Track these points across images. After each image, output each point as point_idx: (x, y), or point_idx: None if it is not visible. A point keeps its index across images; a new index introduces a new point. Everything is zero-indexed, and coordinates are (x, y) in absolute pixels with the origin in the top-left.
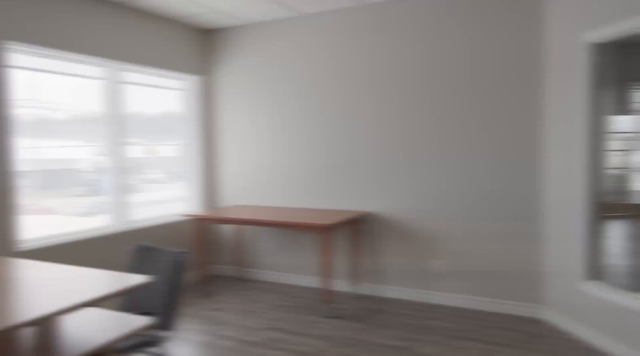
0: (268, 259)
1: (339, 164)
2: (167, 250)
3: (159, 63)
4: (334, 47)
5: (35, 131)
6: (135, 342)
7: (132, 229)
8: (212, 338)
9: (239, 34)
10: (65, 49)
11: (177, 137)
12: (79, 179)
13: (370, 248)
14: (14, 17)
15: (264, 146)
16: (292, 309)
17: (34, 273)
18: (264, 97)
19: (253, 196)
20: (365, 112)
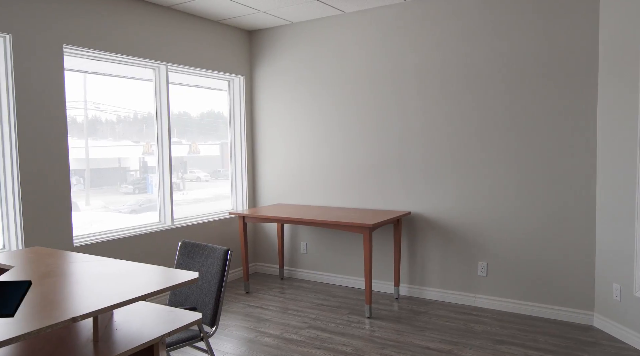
0: (309, 258)
1: (381, 163)
2: (213, 247)
3: (204, 64)
4: (377, 45)
5: (86, 131)
6: (182, 336)
7: (178, 226)
8: (254, 335)
9: (281, 34)
10: (116, 51)
11: (219, 137)
12: (126, 177)
13: (412, 248)
14: (71, 22)
15: (305, 145)
16: (333, 308)
17: (90, 266)
18: (305, 97)
19: (294, 195)
20: (408, 111)
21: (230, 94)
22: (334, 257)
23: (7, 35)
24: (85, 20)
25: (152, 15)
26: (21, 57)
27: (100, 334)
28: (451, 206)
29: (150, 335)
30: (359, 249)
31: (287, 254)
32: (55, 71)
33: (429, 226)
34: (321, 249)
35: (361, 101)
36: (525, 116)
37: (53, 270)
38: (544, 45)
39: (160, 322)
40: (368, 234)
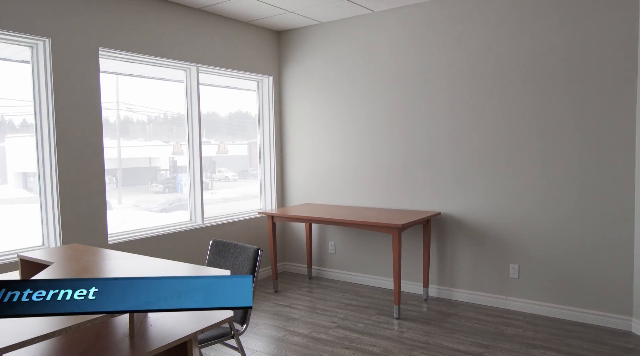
0: (337, 258)
1: (410, 163)
2: (244, 246)
3: (234, 64)
4: (405, 44)
5: (118, 132)
6: (214, 334)
7: (208, 225)
8: (283, 334)
9: (310, 34)
10: (149, 53)
11: (247, 137)
12: (157, 177)
13: (441, 249)
14: (106, 25)
15: (333, 144)
16: (361, 309)
17: (125, 264)
18: (334, 96)
19: (322, 194)
20: (437, 109)
21: (259, 94)
22: (362, 257)
23: (46, 39)
24: (119, 23)
25: (184, 17)
26: (59, 60)
27: (135, 330)
28: (482, 207)
29: (184, 331)
30: (388, 250)
31: (315, 254)
32: (91, 73)
33: (458, 226)
34: (349, 249)
35: (390, 100)
36: (559, 113)
37: (91, 267)
38: (578, 40)
39: (193, 319)
40: (397, 234)
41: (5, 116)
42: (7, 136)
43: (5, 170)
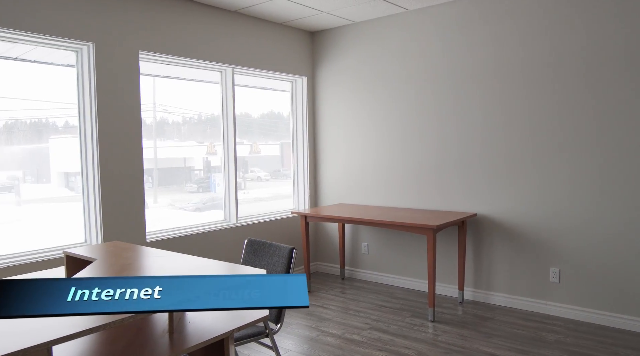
0: (370, 258)
1: (445, 163)
2: (278, 245)
3: (268, 65)
4: (440, 43)
5: (155, 133)
6: (248, 332)
7: (242, 225)
8: (315, 334)
9: (343, 34)
10: (186, 56)
11: (280, 137)
12: (191, 176)
13: (477, 251)
14: (146, 29)
15: (366, 144)
16: (395, 310)
17: (164, 261)
18: (367, 96)
19: (355, 194)
20: (473, 108)
21: (292, 95)
22: (396, 258)
23: (90, 44)
24: (158, 27)
25: (220, 19)
26: (102, 64)
27: (174, 326)
28: (520, 208)
29: (221, 329)
30: (422, 251)
31: (348, 254)
32: (132, 76)
33: (495, 228)
34: (382, 249)
35: (423, 99)
36: (597, 111)
37: (132, 264)
38: (608, 40)
39: (230, 317)
40: (432, 235)
41: (50, 118)
42: (51, 137)
43: (49, 170)
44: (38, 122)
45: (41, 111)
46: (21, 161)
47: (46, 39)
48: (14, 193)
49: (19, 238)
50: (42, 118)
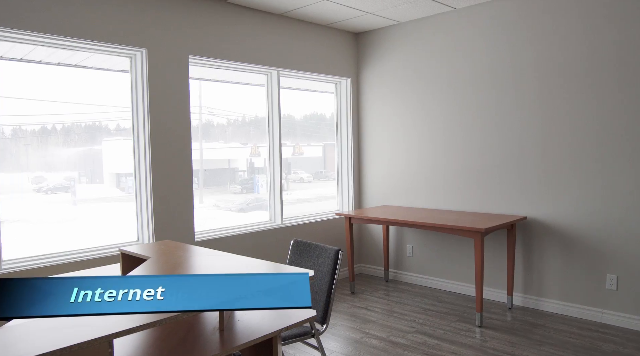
0: (415, 261)
1: (493, 164)
2: (324, 246)
3: (313, 67)
4: (489, 42)
5: (200, 135)
6: (295, 332)
7: (287, 225)
8: (360, 336)
9: (388, 34)
10: (233, 59)
11: (322, 138)
12: (235, 177)
13: (528, 255)
14: (195, 34)
15: (412, 145)
16: (440, 314)
17: (214, 260)
18: (413, 97)
19: (400, 196)
20: (524, 108)
21: (337, 96)
22: (442, 261)
23: (143, 50)
24: (207, 32)
25: (266, 23)
26: (154, 69)
27: (224, 324)
28: (574, 211)
29: (269, 328)
30: (468, 254)
31: (392, 257)
32: (182, 80)
33: (547, 232)
34: (428, 252)
35: (471, 99)
36: None
37: (183, 262)
38: None
39: (277, 316)
40: (480, 239)
41: (103, 121)
42: (104, 140)
43: (102, 171)
44: (92, 126)
45: (95, 114)
46: (76, 162)
47: (104, 46)
48: (70, 193)
49: (75, 235)
50: (96, 121)
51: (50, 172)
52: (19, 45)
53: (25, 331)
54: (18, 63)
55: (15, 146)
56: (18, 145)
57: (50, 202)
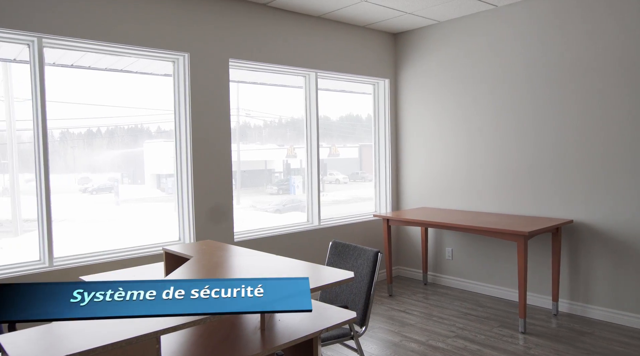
0: (455, 264)
1: (537, 165)
2: (363, 248)
3: (351, 68)
4: (531, 40)
5: (238, 136)
6: (334, 333)
7: (324, 227)
8: (398, 339)
9: (427, 34)
10: (272, 61)
11: (358, 139)
12: (271, 179)
13: (574, 260)
14: (235, 38)
15: (451, 146)
16: (481, 319)
17: (254, 260)
18: (452, 97)
19: (439, 198)
20: (568, 108)
21: (374, 97)
22: (482, 265)
23: (185, 54)
24: (247, 35)
25: (304, 25)
26: (195, 72)
27: (265, 324)
28: (624, 215)
29: (309, 329)
30: (510, 258)
31: (430, 259)
32: (222, 83)
33: (595, 236)
34: (468, 255)
35: (512, 99)
36: None
37: (225, 262)
38: None
39: (318, 317)
40: (523, 242)
41: (144, 123)
42: (145, 142)
43: (143, 172)
44: (134, 128)
45: (137, 117)
46: (119, 163)
47: (149, 51)
48: (113, 193)
49: (118, 234)
50: (138, 124)
51: (95, 173)
52: (70, 52)
53: (71, 328)
54: (68, 69)
55: (63, 149)
56: (66, 147)
57: (95, 202)
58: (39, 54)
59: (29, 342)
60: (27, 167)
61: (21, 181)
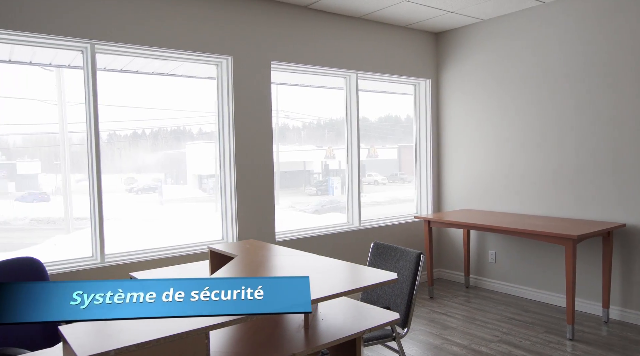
0: (498, 268)
1: (587, 167)
2: (405, 250)
3: (391, 69)
4: (583, 37)
5: (277, 137)
6: (375, 334)
7: (365, 228)
8: (440, 342)
9: (470, 33)
10: (313, 63)
11: (397, 140)
12: (310, 180)
13: (627, 266)
14: (277, 40)
15: (494, 148)
16: (526, 325)
17: (297, 260)
18: (496, 97)
19: (481, 200)
20: (622, 107)
21: (415, 98)
22: (527, 269)
23: (229, 57)
24: (288, 38)
25: (345, 26)
26: (238, 75)
27: (310, 323)
28: None
29: (352, 329)
30: (557, 262)
31: (473, 262)
32: (264, 85)
33: None
34: (512, 259)
35: (561, 98)
36: None
37: (268, 261)
38: None
39: (360, 318)
40: (571, 246)
41: (186, 125)
42: (187, 143)
43: (186, 173)
44: (177, 130)
45: (180, 119)
46: (163, 164)
47: (194, 55)
48: (157, 193)
49: (163, 233)
50: (180, 126)
51: (140, 173)
52: (119, 57)
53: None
54: (118, 73)
55: (110, 150)
56: (113, 149)
57: (140, 201)
58: (92, 59)
59: (88, 334)
60: (78, 168)
61: (72, 180)
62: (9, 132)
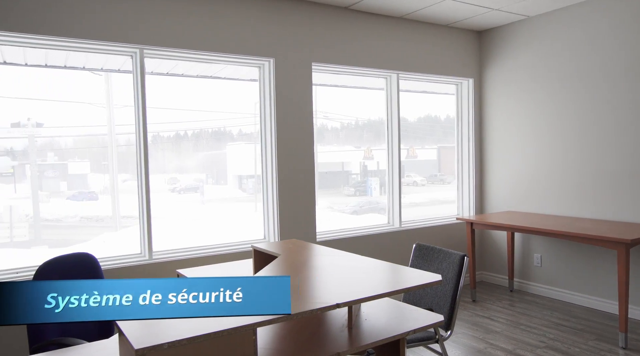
0: (544, 272)
1: (636, 168)
2: (448, 251)
3: (433, 69)
4: (627, 33)
5: (315, 138)
6: (418, 336)
7: (405, 229)
8: (483, 346)
9: (514, 30)
10: (354, 64)
11: (436, 141)
12: (348, 180)
13: None
14: (318, 42)
15: (539, 148)
16: (574, 331)
17: (339, 260)
18: (541, 97)
19: (526, 202)
20: None
21: (457, 98)
22: (575, 273)
23: (271, 59)
24: (329, 39)
25: (386, 26)
26: (280, 77)
27: (354, 322)
28: None
29: (396, 329)
30: (608, 267)
31: (517, 266)
32: (306, 86)
33: None
34: (559, 263)
35: (609, 97)
36: None
37: (311, 261)
38: None
39: (403, 319)
40: (624, 251)
41: (227, 127)
42: (228, 144)
43: (226, 173)
44: (218, 131)
45: (220, 121)
46: (204, 165)
47: (237, 57)
48: (199, 193)
49: (205, 232)
50: (221, 127)
51: (182, 174)
52: (166, 61)
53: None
54: (164, 77)
55: (154, 151)
56: (157, 150)
57: (182, 201)
58: (141, 63)
59: (143, 325)
60: (124, 168)
61: (119, 180)
62: (61, 134)
